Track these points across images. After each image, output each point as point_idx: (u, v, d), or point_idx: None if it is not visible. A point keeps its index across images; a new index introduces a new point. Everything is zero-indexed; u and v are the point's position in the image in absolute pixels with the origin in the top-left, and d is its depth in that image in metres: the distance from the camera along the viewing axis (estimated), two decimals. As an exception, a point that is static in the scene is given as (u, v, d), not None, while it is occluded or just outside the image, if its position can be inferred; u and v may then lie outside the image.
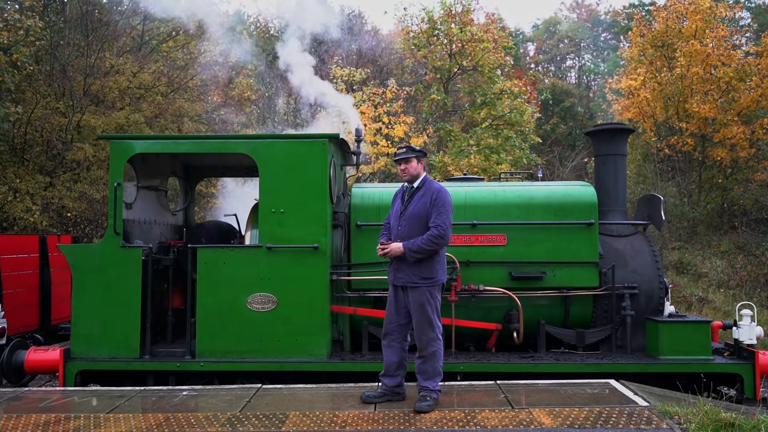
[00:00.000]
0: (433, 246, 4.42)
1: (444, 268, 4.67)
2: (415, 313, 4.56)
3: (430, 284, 4.52)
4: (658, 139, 19.20)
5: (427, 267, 4.52)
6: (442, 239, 4.44)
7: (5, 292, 6.91)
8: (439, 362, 4.60)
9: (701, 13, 18.19)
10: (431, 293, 4.53)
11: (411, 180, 4.68)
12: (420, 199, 4.58)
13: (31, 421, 4.46)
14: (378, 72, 22.75)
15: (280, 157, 5.82)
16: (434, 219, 4.47)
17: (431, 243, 4.41)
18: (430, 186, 4.62)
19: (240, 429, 4.16)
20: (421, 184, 4.65)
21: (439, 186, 4.65)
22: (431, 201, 4.52)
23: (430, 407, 4.46)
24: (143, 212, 6.77)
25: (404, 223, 4.59)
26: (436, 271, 4.55)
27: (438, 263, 4.58)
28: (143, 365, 5.75)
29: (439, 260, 4.59)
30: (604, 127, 6.77)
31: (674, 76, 17.98)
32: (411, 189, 4.68)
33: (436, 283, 4.56)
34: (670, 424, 4.03)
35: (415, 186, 4.67)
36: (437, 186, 4.63)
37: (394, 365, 4.73)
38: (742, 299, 11.14)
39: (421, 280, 4.51)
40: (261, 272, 5.73)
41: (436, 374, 4.60)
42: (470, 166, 15.94)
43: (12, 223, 13.58)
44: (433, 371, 4.58)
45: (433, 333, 4.55)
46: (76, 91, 15.40)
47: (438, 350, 4.58)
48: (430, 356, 4.56)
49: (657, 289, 6.28)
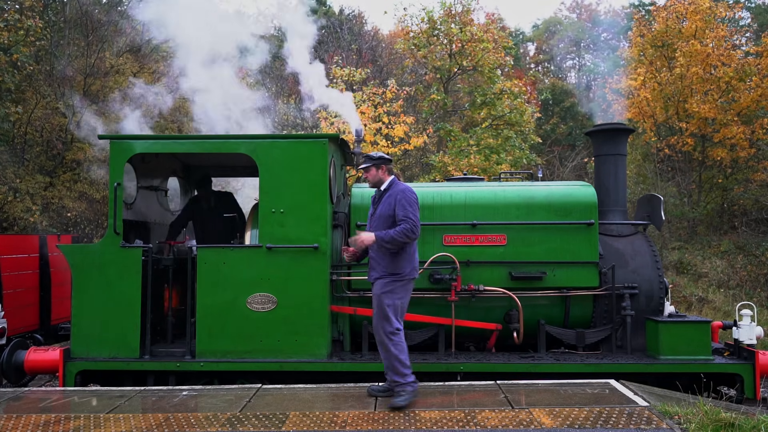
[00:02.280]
0: (404, 237, 4.61)
1: (412, 265, 4.83)
2: (374, 305, 4.77)
3: (393, 279, 4.71)
4: (658, 139, 19.19)
5: (395, 263, 4.72)
6: (412, 232, 4.63)
7: (5, 292, 6.91)
8: (402, 355, 4.71)
9: (701, 13, 18.18)
10: (393, 288, 4.70)
11: (376, 186, 4.96)
12: (386, 201, 4.82)
13: (31, 421, 4.46)
14: (378, 72, 22.75)
15: (280, 157, 5.82)
16: (401, 214, 4.67)
17: (402, 234, 4.60)
18: (396, 188, 4.85)
19: (240, 429, 4.17)
20: (388, 187, 4.90)
21: (404, 187, 4.85)
22: (395, 201, 4.75)
23: (406, 401, 4.58)
24: (143, 212, 6.77)
25: (374, 224, 4.85)
26: (404, 267, 4.74)
27: (406, 259, 4.76)
28: (143, 365, 5.75)
29: (407, 256, 4.77)
30: (604, 127, 6.77)
31: (674, 76, 17.97)
32: (380, 193, 4.95)
33: (401, 278, 4.73)
34: (670, 424, 4.03)
35: (382, 190, 4.93)
36: (402, 187, 4.84)
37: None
38: (742, 299, 11.15)
39: (387, 275, 4.72)
40: (261, 272, 5.73)
41: (404, 367, 4.71)
42: (470, 166, 15.93)
43: (12, 223, 13.59)
44: (399, 365, 4.70)
45: (391, 327, 4.69)
46: (76, 91, 15.40)
47: (399, 343, 4.71)
48: (389, 350, 4.69)
49: (657, 289, 6.28)
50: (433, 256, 6.03)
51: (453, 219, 6.20)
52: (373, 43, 26.73)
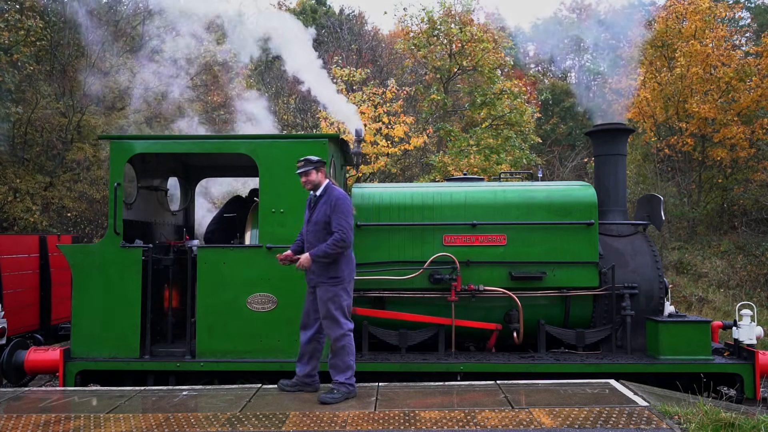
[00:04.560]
0: (335, 249, 4.76)
1: (351, 268, 4.95)
2: (321, 309, 4.88)
3: (334, 283, 4.84)
4: (658, 139, 19.18)
5: (333, 267, 4.84)
6: (344, 242, 4.76)
7: (5, 292, 6.91)
8: (348, 357, 4.85)
9: (701, 13, 18.18)
10: (336, 292, 4.83)
11: (314, 189, 4.99)
12: (322, 207, 4.89)
13: (31, 421, 4.46)
14: (378, 72, 22.73)
15: (280, 157, 5.82)
16: (335, 224, 4.78)
17: (334, 247, 4.75)
18: (331, 193, 4.91)
19: (240, 429, 4.17)
20: (323, 192, 4.94)
21: (339, 193, 4.91)
22: (331, 207, 4.82)
23: (336, 399, 4.72)
24: (143, 212, 6.77)
25: (311, 230, 4.94)
26: (342, 270, 4.87)
27: (344, 263, 4.88)
28: (143, 365, 5.76)
29: (345, 261, 4.89)
30: (604, 127, 6.77)
31: (674, 76, 17.97)
32: (315, 197, 4.99)
33: (341, 282, 4.86)
34: (670, 424, 4.03)
35: (317, 194, 4.97)
36: (337, 193, 4.90)
37: (307, 355, 5.05)
38: (742, 299, 11.14)
39: (328, 279, 4.84)
40: (261, 272, 5.73)
41: (347, 368, 4.85)
42: (470, 166, 15.92)
43: (12, 223, 13.60)
44: (343, 365, 4.85)
45: (340, 329, 4.83)
46: (76, 91, 15.40)
47: (346, 345, 4.84)
48: (339, 351, 4.84)
49: (657, 289, 6.28)
50: (433, 256, 6.03)
51: (453, 219, 6.20)
52: (373, 43, 26.71)
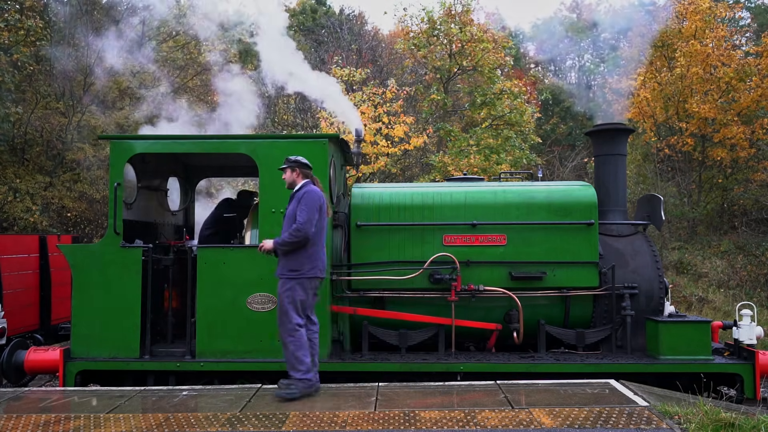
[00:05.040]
0: (292, 238, 4.86)
1: (315, 265, 5.00)
2: (277, 302, 5.00)
3: (292, 276, 4.91)
4: (658, 139, 19.18)
5: (294, 261, 4.93)
6: (299, 232, 4.84)
7: (5, 292, 6.91)
8: (299, 351, 4.88)
9: (701, 13, 18.17)
10: (291, 285, 4.90)
11: (290, 187, 5.17)
12: (293, 203, 5.05)
13: (31, 421, 4.46)
14: (378, 72, 22.72)
15: (280, 158, 5.80)
16: (297, 216, 4.92)
17: (291, 236, 4.87)
18: (302, 189, 5.06)
19: (240, 429, 4.17)
20: (298, 189, 5.09)
21: (310, 189, 5.04)
22: (298, 202, 4.97)
23: (291, 395, 4.79)
24: (143, 212, 6.77)
25: (284, 224, 5.09)
26: (302, 264, 4.93)
27: (305, 258, 4.94)
28: (143, 365, 5.76)
29: (307, 255, 4.95)
30: (604, 127, 6.77)
31: (674, 76, 17.97)
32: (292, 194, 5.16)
33: (301, 276, 4.92)
34: (670, 424, 4.03)
35: (293, 191, 5.14)
36: (307, 188, 5.05)
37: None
38: (742, 299, 11.15)
39: (287, 272, 4.94)
40: (261, 272, 5.73)
41: (300, 363, 4.88)
42: (470, 166, 15.92)
43: (12, 223, 13.60)
44: (295, 361, 4.89)
45: (290, 324, 4.90)
46: (75, 91, 15.40)
47: (297, 339, 4.88)
48: (287, 345, 4.91)
49: (657, 289, 6.28)
50: (433, 256, 6.03)
51: (453, 219, 6.20)
52: (373, 43, 26.70)
